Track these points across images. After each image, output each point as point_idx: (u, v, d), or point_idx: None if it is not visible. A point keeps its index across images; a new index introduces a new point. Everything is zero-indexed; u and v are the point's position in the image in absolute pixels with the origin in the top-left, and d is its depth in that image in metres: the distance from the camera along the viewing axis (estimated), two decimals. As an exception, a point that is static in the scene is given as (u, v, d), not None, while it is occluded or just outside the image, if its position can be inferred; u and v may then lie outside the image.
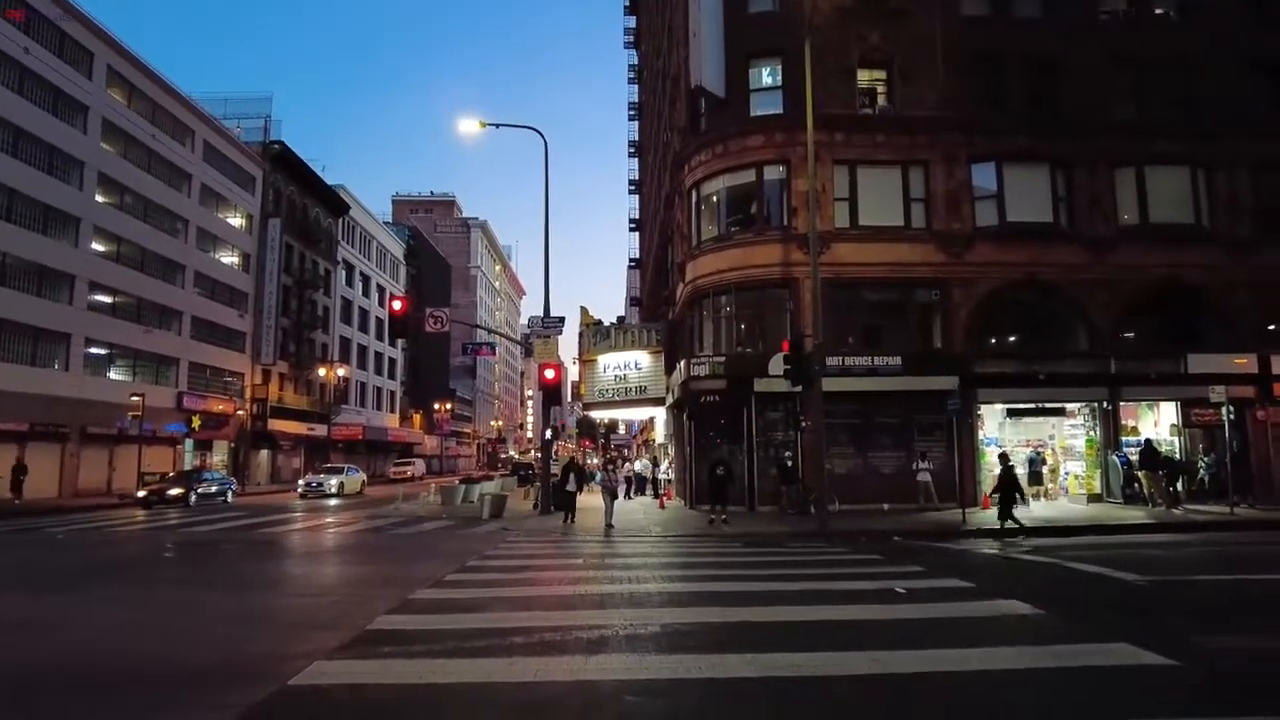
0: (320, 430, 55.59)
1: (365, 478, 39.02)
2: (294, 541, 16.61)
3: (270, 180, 53.21)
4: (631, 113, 66.95)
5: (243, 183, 50.35)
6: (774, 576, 9.87)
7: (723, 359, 22.32)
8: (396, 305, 22.32)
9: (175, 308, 42.50)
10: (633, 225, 66.23)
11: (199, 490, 27.88)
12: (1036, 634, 6.84)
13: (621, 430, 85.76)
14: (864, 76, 23.62)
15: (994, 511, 19.77)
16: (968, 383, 21.52)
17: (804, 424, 18.20)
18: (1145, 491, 20.83)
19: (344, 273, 66.03)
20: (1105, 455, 22.20)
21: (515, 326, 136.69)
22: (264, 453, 52.67)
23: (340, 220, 65.75)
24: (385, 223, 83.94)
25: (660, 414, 32.21)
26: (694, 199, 24.54)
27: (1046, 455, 23.36)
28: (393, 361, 77.62)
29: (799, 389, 18.63)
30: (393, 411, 77.57)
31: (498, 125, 24.23)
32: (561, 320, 23.01)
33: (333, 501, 31.30)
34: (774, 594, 8.63)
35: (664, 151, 33.33)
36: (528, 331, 23.16)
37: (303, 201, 58.18)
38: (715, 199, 24.06)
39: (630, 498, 29.52)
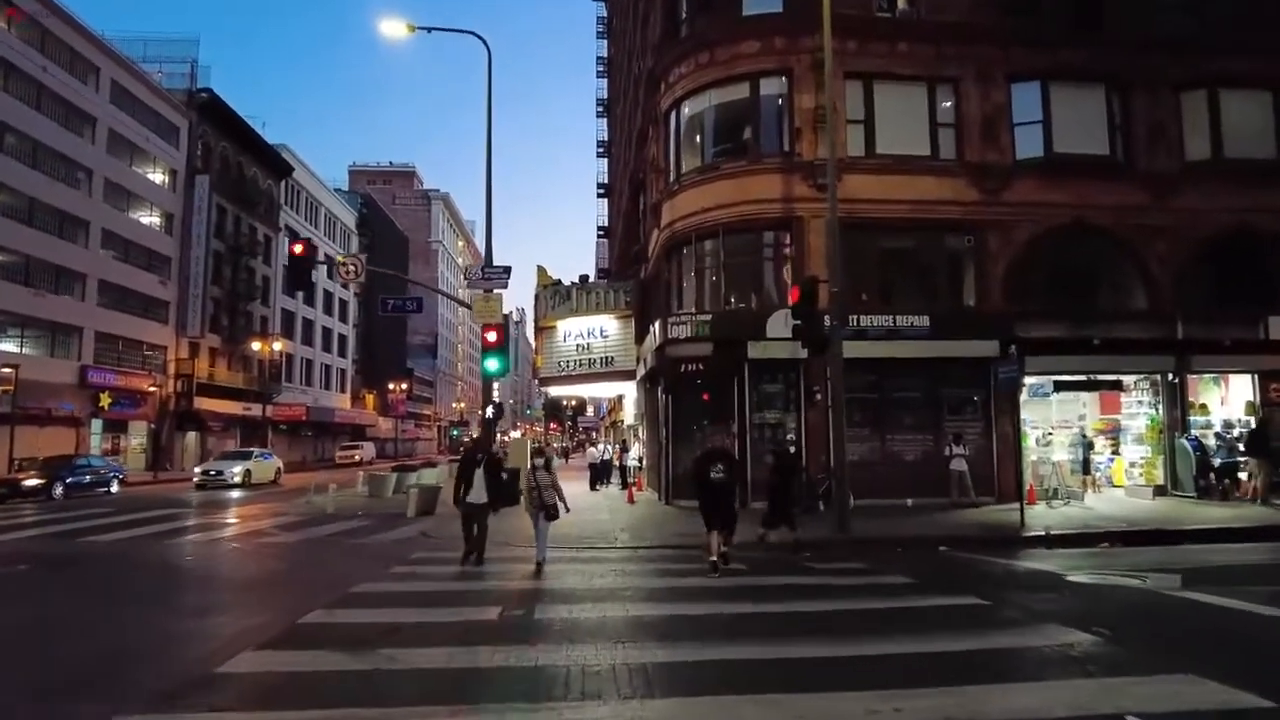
0: (258, 410, 50.34)
1: (281, 464, 33.95)
2: (101, 562, 11.53)
3: (198, 133, 47.67)
4: (600, 69, 62.06)
5: (164, 133, 44.81)
6: (839, 667, 5.33)
7: (708, 317, 17.90)
8: (297, 248, 17.53)
9: (77, 269, 37.12)
10: (601, 191, 61.51)
11: (69, 480, 22.93)
12: None
13: (590, 412, 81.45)
14: (881, -27, 19.25)
15: (1041, 508, 15.91)
16: (1008, 348, 17.38)
17: (816, 396, 14.01)
18: (1225, 483, 16.98)
19: (287, 240, 60.35)
20: (1171, 439, 18.24)
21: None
22: (191, 435, 47.49)
23: (284, 183, 60.23)
24: (337, 190, 78.23)
25: (630, 390, 27.78)
26: (673, 124, 20.01)
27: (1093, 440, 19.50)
28: (344, 338, 72.27)
29: (809, 353, 14.35)
30: (344, 391, 72.33)
31: (430, 29, 19.48)
32: (506, 271, 18.41)
33: (236, 493, 26.35)
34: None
35: (634, 89, 28.75)
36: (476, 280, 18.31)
37: (237, 160, 52.66)
38: (699, 123, 19.56)
39: (595, 489, 25.19)
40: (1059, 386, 18.74)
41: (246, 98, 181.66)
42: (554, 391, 34.52)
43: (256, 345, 50.36)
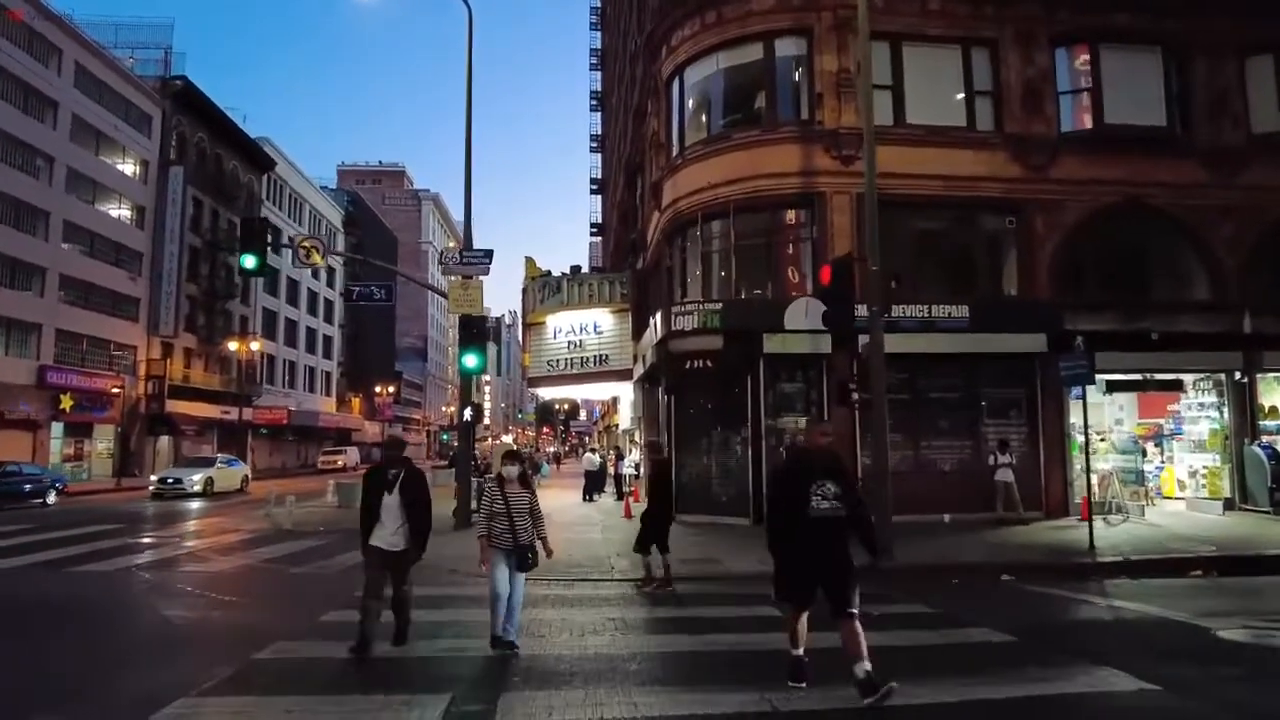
0: (237, 413, 47.81)
1: (248, 470, 31.42)
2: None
3: (172, 123, 45.30)
4: (593, 61, 60.00)
5: (135, 122, 42.44)
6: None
7: (718, 307, 15.68)
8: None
9: (34, 263, 34.63)
10: (594, 187, 59.43)
11: (-7, 491, 20.50)
12: None
13: (583, 416, 79.33)
14: (909, -76, 17.15)
15: (1099, 525, 13.59)
16: (1057, 344, 15.31)
17: (854, 395, 11.88)
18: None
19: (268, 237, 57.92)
20: (1239, 445, 16.13)
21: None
22: (164, 439, 44.92)
23: (265, 178, 57.84)
24: (324, 188, 75.78)
25: (626, 391, 25.58)
26: (675, 92, 17.88)
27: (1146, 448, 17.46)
28: (328, 339, 69.81)
29: (835, 344, 12.21)
30: (329, 394, 69.85)
31: (403, -15, 17.39)
32: (487, 255, 16.22)
33: (195, 504, 23.88)
34: None
35: (630, 68, 26.64)
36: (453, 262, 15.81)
37: (215, 152, 50.27)
38: (705, 90, 17.43)
39: (590, 499, 22.98)
40: (1111, 387, 16.61)
41: (234, 94, 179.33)
42: (543, 393, 32.29)
43: (234, 345, 47.96)
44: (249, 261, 15.81)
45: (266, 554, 12.65)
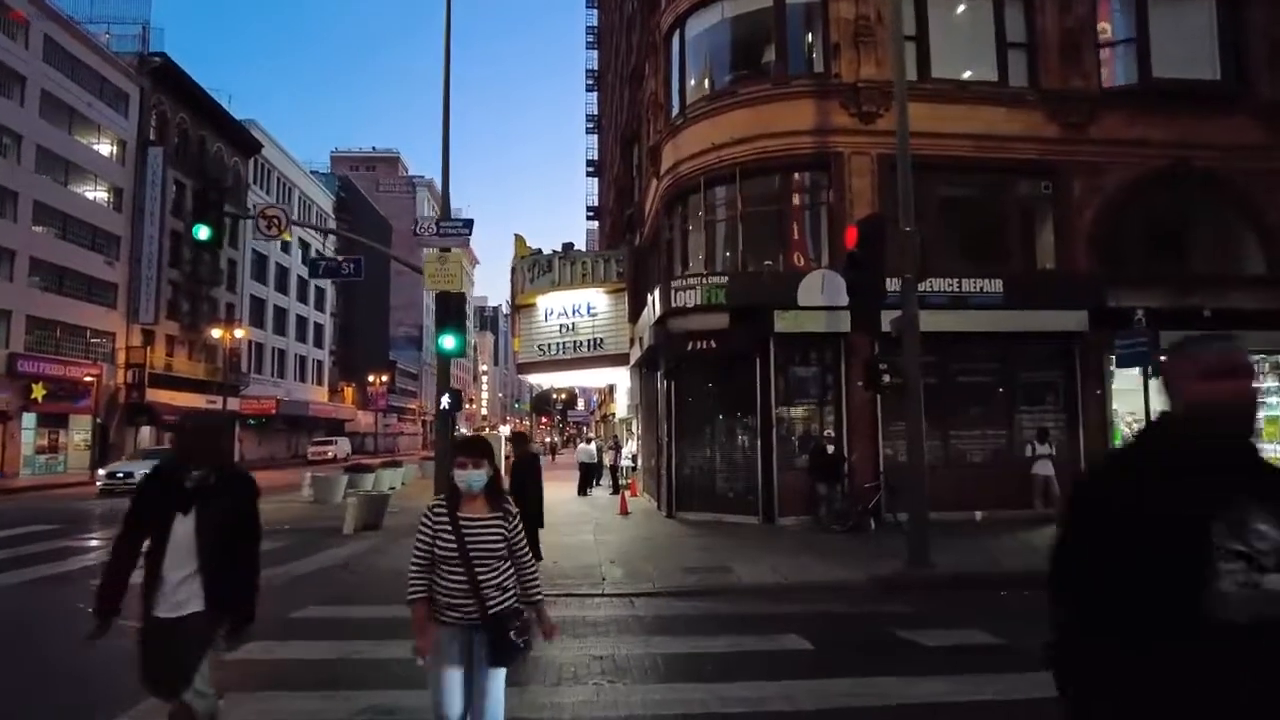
0: (222, 403, 46.23)
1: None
2: None
3: (152, 102, 43.59)
4: (590, 39, 58.10)
5: (110, 100, 40.73)
6: None
7: (723, 281, 14.06)
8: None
9: (3, 245, 33.00)
10: (590, 169, 57.71)
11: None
12: None
13: (580, 406, 77.57)
14: None
15: None
16: (1100, 321, 13.81)
17: (886, 377, 10.32)
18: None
19: (254, 223, 56.20)
20: (1300, 433, 14.62)
21: (469, 297, 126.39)
22: (145, 430, 43.37)
23: (252, 162, 56.09)
24: (315, 173, 73.95)
25: (623, 377, 23.98)
26: (676, 47, 16.23)
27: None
28: (319, 327, 68.19)
29: (865, 318, 10.62)
30: (320, 384, 68.29)
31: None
32: (467, 225, 14.60)
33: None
34: None
35: (626, 34, 24.95)
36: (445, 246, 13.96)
37: (199, 133, 48.54)
38: (709, 43, 15.78)
39: (586, 493, 21.42)
40: (1159, 371, 15.03)
41: (228, 83, 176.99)
42: (535, 380, 30.65)
43: (218, 333, 46.34)
44: (202, 233, 14.22)
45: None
